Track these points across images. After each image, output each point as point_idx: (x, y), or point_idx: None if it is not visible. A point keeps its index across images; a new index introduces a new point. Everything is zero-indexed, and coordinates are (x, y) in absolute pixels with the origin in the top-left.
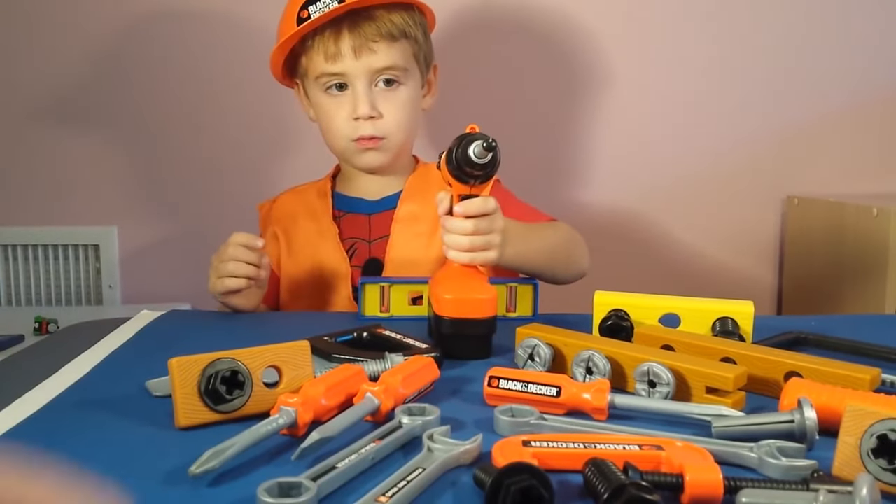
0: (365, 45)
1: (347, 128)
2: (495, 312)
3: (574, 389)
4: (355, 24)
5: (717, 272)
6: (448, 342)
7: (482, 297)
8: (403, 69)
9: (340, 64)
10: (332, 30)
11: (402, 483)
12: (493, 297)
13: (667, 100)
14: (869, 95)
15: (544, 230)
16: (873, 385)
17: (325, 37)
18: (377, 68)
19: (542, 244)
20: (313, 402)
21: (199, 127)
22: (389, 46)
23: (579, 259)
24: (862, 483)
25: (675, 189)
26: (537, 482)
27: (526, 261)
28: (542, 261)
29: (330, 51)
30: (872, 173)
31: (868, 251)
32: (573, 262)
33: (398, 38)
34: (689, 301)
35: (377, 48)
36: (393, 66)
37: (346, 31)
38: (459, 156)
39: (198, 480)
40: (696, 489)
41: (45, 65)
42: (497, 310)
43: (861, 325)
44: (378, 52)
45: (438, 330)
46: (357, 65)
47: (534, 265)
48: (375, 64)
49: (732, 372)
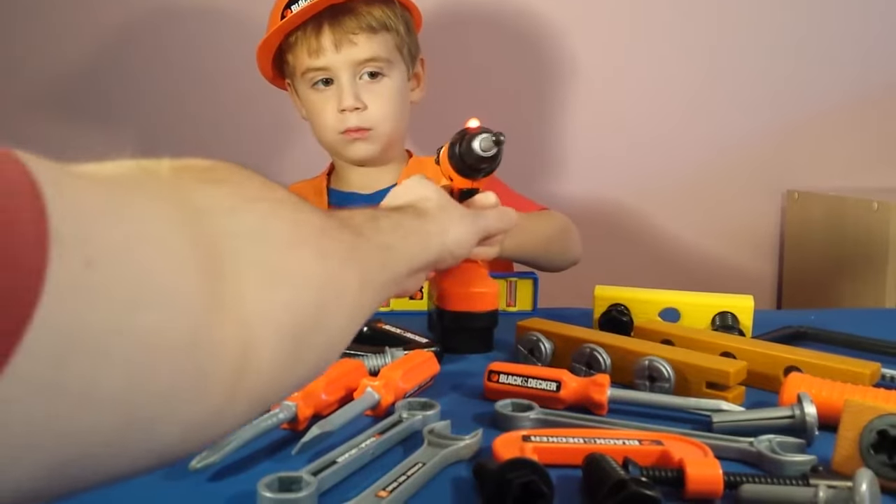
0: (345, 38)
1: (335, 121)
2: (497, 306)
3: (574, 384)
4: (335, 19)
5: (716, 266)
6: (449, 336)
7: (483, 290)
8: (386, 61)
9: (323, 58)
10: (314, 25)
11: (403, 478)
12: (494, 291)
13: (668, 94)
14: (869, 89)
15: (540, 220)
16: (873, 380)
17: (307, 32)
18: (359, 60)
19: (539, 234)
20: (313, 396)
21: (196, 125)
22: (370, 38)
23: (573, 247)
24: (861, 478)
25: (676, 183)
26: (537, 477)
27: (524, 251)
28: (539, 250)
29: (312, 46)
30: (872, 167)
31: (868, 245)
32: (568, 251)
33: (378, 30)
34: (688, 295)
35: (357, 40)
36: (375, 57)
37: (327, 25)
38: (464, 150)
39: (198, 475)
40: (696, 484)
41: (44, 60)
42: (499, 303)
43: (861, 320)
44: (359, 45)
45: (440, 323)
46: (339, 58)
47: (531, 255)
48: (357, 56)
49: (732, 366)
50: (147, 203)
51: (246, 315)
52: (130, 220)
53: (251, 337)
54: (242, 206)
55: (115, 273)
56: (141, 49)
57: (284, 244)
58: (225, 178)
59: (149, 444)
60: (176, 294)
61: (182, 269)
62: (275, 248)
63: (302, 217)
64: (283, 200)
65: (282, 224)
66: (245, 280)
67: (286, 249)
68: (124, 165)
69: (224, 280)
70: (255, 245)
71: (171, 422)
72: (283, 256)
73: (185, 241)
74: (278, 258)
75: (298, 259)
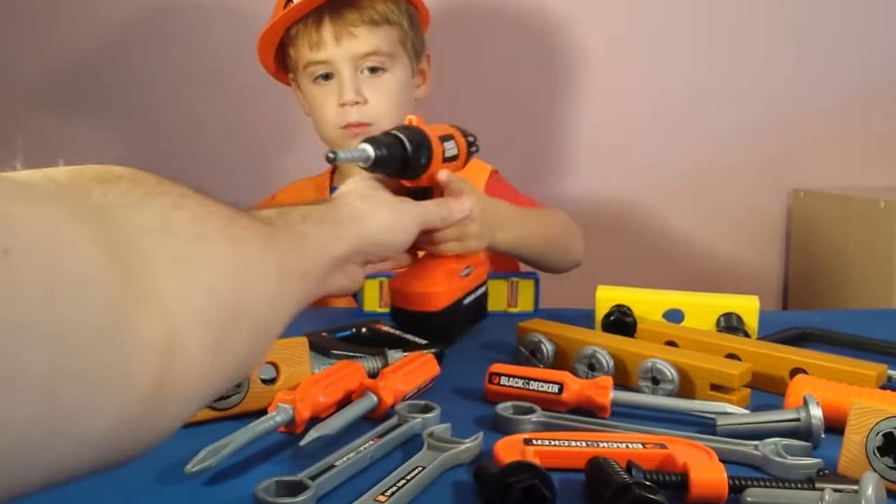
0: (346, 31)
1: (335, 115)
2: (440, 307)
3: (576, 386)
4: (337, 11)
5: (722, 265)
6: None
7: (423, 290)
8: (388, 55)
9: (324, 51)
10: (315, 18)
11: (402, 482)
12: (439, 292)
13: (672, 93)
14: (875, 87)
15: (541, 216)
16: (880, 381)
17: (308, 25)
18: (360, 53)
19: (539, 230)
20: (311, 399)
21: (198, 123)
22: (371, 31)
23: (575, 247)
24: (868, 482)
25: (681, 182)
26: (539, 481)
27: (522, 247)
28: (539, 247)
29: (313, 39)
30: (879, 166)
31: (874, 244)
32: (569, 251)
33: (380, 23)
34: (693, 296)
35: (358, 33)
36: (376, 51)
37: (328, 18)
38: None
39: (194, 479)
40: (700, 488)
41: (44, 55)
42: (446, 303)
43: (867, 320)
44: (359, 38)
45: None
46: (339, 51)
47: (530, 252)
48: (357, 49)
49: (737, 368)
50: (49, 201)
51: (166, 304)
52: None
53: (174, 325)
54: (144, 201)
55: (30, 261)
56: (142, 45)
57: (192, 234)
58: (122, 177)
59: (80, 434)
60: (89, 281)
61: (92, 258)
62: (183, 238)
63: (206, 209)
64: (184, 195)
65: (186, 215)
66: (158, 271)
67: (195, 239)
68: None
69: (136, 271)
70: (162, 236)
71: (100, 410)
72: (192, 246)
73: (91, 235)
74: (188, 248)
75: (209, 247)
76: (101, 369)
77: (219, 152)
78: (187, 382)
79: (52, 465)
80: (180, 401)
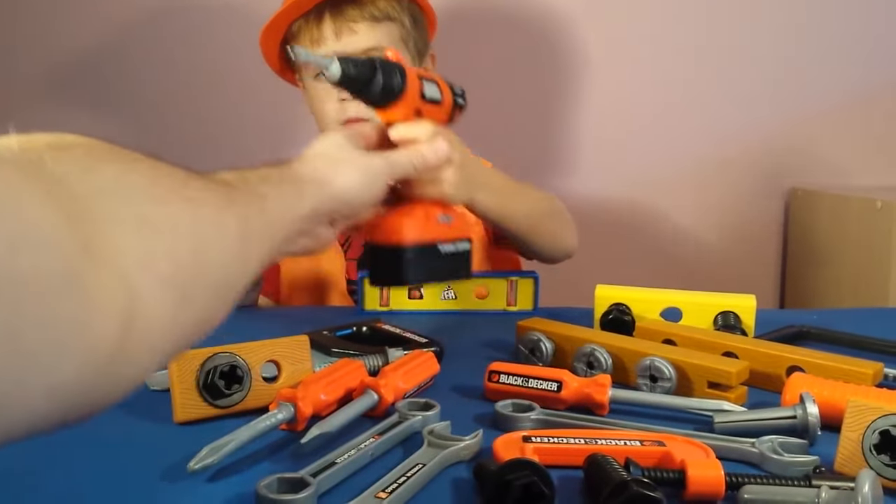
0: (346, 27)
1: (335, 111)
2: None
3: (575, 384)
4: (337, 7)
5: (719, 264)
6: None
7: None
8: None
9: (324, 47)
10: (316, 14)
11: (402, 479)
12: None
13: (670, 92)
14: (874, 87)
15: (530, 194)
16: (876, 379)
17: (309, 21)
18: (360, 49)
19: (525, 207)
20: (312, 396)
21: (198, 121)
22: (371, 27)
23: (566, 236)
24: (864, 479)
25: (678, 182)
26: (538, 478)
27: (505, 217)
28: (525, 223)
29: (313, 34)
30: (876, 166)
31: (871, 244)
32: (559, 237)
33: (381, 20)
34: (690, 295)
35: (358, 28)
36: (376, 47)
37: (328, 14)
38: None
39: (196, 476)
40: (697, 485)
41: (45, 50)
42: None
43: (864, 319)
44: (359, 33)
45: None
46: (339, 46)
47: (516, 225)
48: (357, 45)
49: (734, 366)
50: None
51: (124, 265)
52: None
53: (133, 285)
54: (96, 166)
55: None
56: (143, 41)
57: (147, 196)
58: (74, 144)
59: (48, 381)
60: (46, 238)
61: (48, 217)
62: (137, 200)
63: (161, 171)
64: (138, 159)
65: (140, 178)
66: (114, 232)
67: (150, 201)
68: None
69: (92, 232)
70: (116, 199)
71: (64, 357)
72: (147, 207)
73: (45, 196)
74: (143, 209)
75: (164, 209)
76: (62, 320)
77: (219, 151)
78: (150, 338)
79: (29, 411)
80: (144, 354)
